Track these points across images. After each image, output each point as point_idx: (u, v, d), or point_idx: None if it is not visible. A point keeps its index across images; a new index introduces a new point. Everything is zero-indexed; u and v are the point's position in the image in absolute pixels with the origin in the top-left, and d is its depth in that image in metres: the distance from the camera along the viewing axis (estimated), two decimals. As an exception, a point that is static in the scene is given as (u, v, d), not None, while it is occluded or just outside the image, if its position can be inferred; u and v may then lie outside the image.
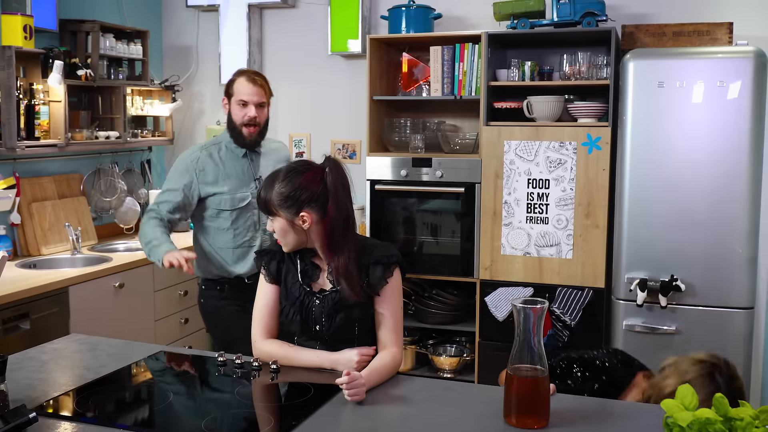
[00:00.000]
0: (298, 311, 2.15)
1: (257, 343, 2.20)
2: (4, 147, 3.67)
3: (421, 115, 4.39)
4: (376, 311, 2.14)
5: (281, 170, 2.15)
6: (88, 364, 2.19)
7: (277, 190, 2.10)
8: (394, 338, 2.13)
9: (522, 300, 1.73)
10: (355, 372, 1.89)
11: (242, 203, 3.05)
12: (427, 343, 4.18)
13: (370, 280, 2.13)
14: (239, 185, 3.06)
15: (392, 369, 2.08)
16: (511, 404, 1.75)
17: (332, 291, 2.15)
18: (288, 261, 2.21)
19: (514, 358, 1.73)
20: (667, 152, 3.43)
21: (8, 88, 3.63)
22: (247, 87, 3.03)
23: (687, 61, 3.40)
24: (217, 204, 3.04)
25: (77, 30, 4.17)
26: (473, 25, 4.31)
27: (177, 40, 5.04)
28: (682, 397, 1.25)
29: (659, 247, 3.47)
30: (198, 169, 3.03)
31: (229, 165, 3.07)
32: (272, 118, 4.91)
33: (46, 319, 3.39)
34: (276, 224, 2.13)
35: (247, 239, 3.07)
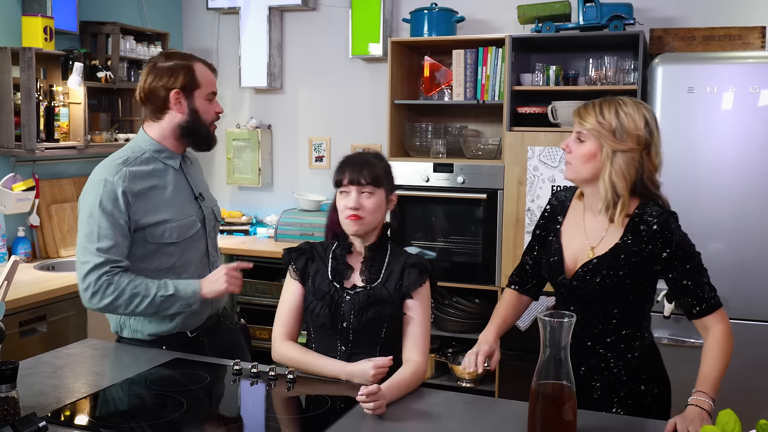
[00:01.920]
0: (327, 305, 2.10)
1: (276, 344, 2.16)
2: (23, 149, 3.66)
3: (442, 120, 4.33)
4: (405, 316, 2.11)
5: (367, 154, 2.18)
6: (101, 371, 2.15)
7: (380, 166, 2.13)
8: (419, 348, 2.08)
9: (547, 312, 1.66)
10: (375, 385, 1.83)
11: (191, 231, 2.33)
12: (447, 352, 4.11)
13: (404, 282, 2.11)
14: (184, 207, 2.33)
15: (414, 383, 2.01)
16: (536, 422, 1.68)
17: (364, 288, 2.12)
18: (318, 260, 2.18)
19: (539, 373, 1.66)
20: (695, 160, 3.33)
21: (28, 89, 3.62)
22: (211, 76, 2.38)
23: (718, 66, 3.31)
24: (158, 237, 2.25)
25: (98, 32, 4.16)
26: (497, 28, 4.25)
27: (197, 42, 5.01)
28: (724, 424, 1.18)
29: (687, 256, 3.38)
30: (125, 196, 2.19)
31: (167, 182, 2.31)
32: (292, 120, 4.94)
33: (63, 322, 3.37)
34: (375, 198, 2.10)
35: (194, 278, 2.31)
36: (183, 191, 2.36)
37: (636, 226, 1.96)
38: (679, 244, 1.94)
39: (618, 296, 1.98)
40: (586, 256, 2.01)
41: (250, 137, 4.80)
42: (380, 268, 2.14)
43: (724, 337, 1.92)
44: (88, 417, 1.84)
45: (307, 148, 4.83)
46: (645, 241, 1.94)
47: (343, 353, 2.12)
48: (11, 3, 3.76)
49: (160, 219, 2.26)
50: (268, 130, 4.89)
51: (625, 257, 1.95)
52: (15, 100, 3.66)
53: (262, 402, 1.95)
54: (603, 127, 1.96)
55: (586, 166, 2.00)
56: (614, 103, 2.00)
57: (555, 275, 2.08)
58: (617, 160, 1.95)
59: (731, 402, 3.25)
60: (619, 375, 2.01)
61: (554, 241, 2.11)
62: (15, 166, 3.80)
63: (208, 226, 2.42)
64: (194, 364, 2.22)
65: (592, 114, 2.00)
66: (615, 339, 2.01)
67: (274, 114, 4.89)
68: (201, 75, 2.33)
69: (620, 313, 2.00)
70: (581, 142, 2.01)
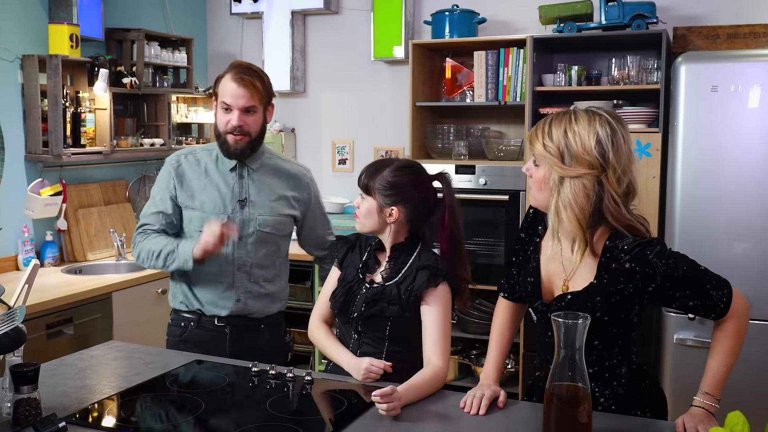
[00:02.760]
0: (344, 294, 2.19)
1: (311, 325, 2.29)
2: (50, 154, 3.73)
3: (464, 122, 4.32)
4: (422, 319, 2.12)
5: (395, 160, 2.20)
6: (123, 372, 2.18)
7: (385, 175, 2.15)
8: (437, 350, 2.07)
9: (563, 313, 1.65)
10: (390, 386, 1.84)
11: None
12: (470, 354, 4.10)
13: (415, 284, 2.12)
14: (216, 204, 2.48)
15: (433, 385, 2.01)
16: (551, 424, 1.66)
17: (379, 285, 2.17)
18: (357, 251, 2.26)
19: (554, 375, 1.64)
20: (721, 159, 3.29)
21: (55, 96, 3.69)
22: (231, 87, 2.39)
23: (742, 64, 3.26)
24: (188, 221, 2.51)
25: (123, 38, 4.22)
26: (518, 29, 4.23)
27: (221, 47, 5.06)
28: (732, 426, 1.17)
29: (712, 257, 3.31)
30: (177, 174, 2.51)
31: (214, 177, 2.51)
32: (316, 124, 4.96)
33: (89, 325, 3.42)
34: (365, 204, 2.16)
35: (216, 272, 2.48)
36: (225, 190, 2.50)
37: (608, 263, 1.74)
38: (664, 276, 1.71)
39: (597, 332, 1.78)
40: (561, 288, 1.84)
41: (274, 141, 4.82)
42: (401, 268, 2.17)
43: (734, 332, 1.77)
44: (108, 418, 1.87)
45: (330, 151, 4.85)
46: (622, 281, 1.74)
47: (355, 342, 2.20)
48: (38, 11, 3.83)
49: (190, 205, 2.49)
50: (292, 134, 4.92)
51: (602, 298, 1.76)
52: (42, 106, 3.73)
53: (279, 403, 1.96)
54: (549, 151, 1.74)
55: (542, 193, 1.81)
56: (564, 120, 1.76)
57: (532, 297, 1.91)
58: (564, 189, 1.73)
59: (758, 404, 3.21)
60: (608, 405, 1.85)
61: (532, 257, 1.93)
62: (43, 171, 3.87)
63: (242, 232, 2.48)
64: (214, 365, 2.24)
65: (539, 136, 1.78)
66: (598, 369, 1.84)
67: (298, 117, 4.92)
68: (222, 85, 2.44)
69: (602, 345, 1.83)
70: (537, 166, 1.81)
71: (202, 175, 2.51)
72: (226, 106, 2.41)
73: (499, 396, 1.92)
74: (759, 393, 3.24)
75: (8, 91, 3.69)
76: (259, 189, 2.53)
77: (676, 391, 3.41)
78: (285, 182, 2.58)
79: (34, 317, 3.11)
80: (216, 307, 2.51)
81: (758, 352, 3.24)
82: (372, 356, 2.11)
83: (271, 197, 2.54)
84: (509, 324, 2.12)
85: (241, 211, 2.49)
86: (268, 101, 2.49)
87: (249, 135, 2.44)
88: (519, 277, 2.01)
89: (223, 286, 2.50)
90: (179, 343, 2.53)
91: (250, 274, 2.51)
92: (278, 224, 2.54)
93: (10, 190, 3.72)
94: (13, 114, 3.72)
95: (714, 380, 1.76)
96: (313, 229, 2.70)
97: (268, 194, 2.54)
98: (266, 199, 2.53)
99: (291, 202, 2.58)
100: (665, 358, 3.44)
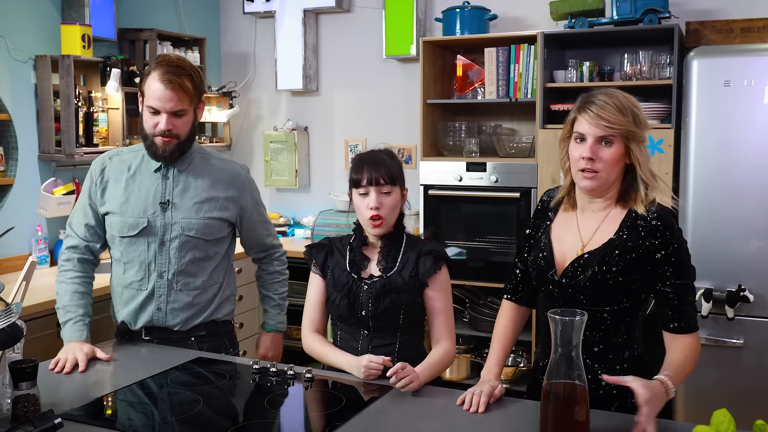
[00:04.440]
0: (345, 296, 2.18)
1: (304, 335, 2.28)
2: (63, 153, 3.76)
3: (476, 119, 4.30)
4: (427, 304, 2.20)
5: (382, 150, 2.22)
6: (123, 369, 2.19)
7: (393, 164, 2.17)
8: (446, 331, 2.18)
9: (560, 310, 1.62)
10: (399, 363, 1.93)
11: (133, 231, 2.34)
12: (483, 352, 4.07)
13: (420, 270, 2.17)
14: (136, 207, 2.35)
15: (446, 363, 2.15)
16: (548, 422, 1.65)
17: (381, 277, 2.18)
18: (337, 253, 2.26)
19: (550, 372, 1.63)
20: (734, 155, 3.24)
21: (67, 96, 3.72)
22: (158, 90, 2.22)
23: (756, 59, 3.20)
24: (109, 226, 2.39)
25: (135, 38, 4.24)
26: (530, 25, 4.19)
27: (234, 46, 5.08)
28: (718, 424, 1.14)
29: (725, 255, 3.28)
30: (100, 179, 2.40)
31: (138, 179, 2.38)
32: (328, 122, 4.96)
33: (100, 322, 3.42)
34: (393, 197, 2.17)
35: (136, 279, 2.37)
36: (147, 191, 2.37)
37: (633, 220, 1.85)
38: (676, 250, 1.82)
39: (609, 296, 1.85)
40: (576, 253, 1.90)
41: (287, 139, 4.84)
42: (396, 257, 2.21)
43: (694, 351, 1.82)
44: (105, 415, 1.87)
45: (343, 149, 4.85)
46: (642, 236, 1.83)
47: (365, 340, 2.18)
48: (50, 12, 3.87)
49: (109, 210, 2.38)
50: (305, 132, 4.93)
51: (620, 253, 1.83)
52: (55, 106, 3.76)
53: (279, 400, 1.96)
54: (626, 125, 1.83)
55: (615, 169, 1.86)
56: (614, 97, 1.86)
57: (544, 273, 1.95)
58: (644, 153, 1.86)
59: None
60: (609, 388, 1.87)
61: (543, 237, 1.99)
62: (56, 170, 3.91)
63: (163, 236, 2.35)
64: (214, 362, 2.25)
65: (615, 113, 1.83)
66: (603, 348, 1.89)
67: (311, 116, 4.93)
68: (148, 85, 2.27)
69: (611, 318, 1.87)
70: (608, 145, 1.84)
71: (127, 177, 2.38)
72: (153, 110, 2.26)
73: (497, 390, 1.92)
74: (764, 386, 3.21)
75: (22, 91, 3.73)
76: (184, 190, 2.38)
77: (689, 389, 3.37)
78: (216, 182, 2.42)
79: (45, 315, 3.13)
80: (135, 316, 2.40)
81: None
82: (386, 349, 2.15)
83: (197, 199, 2.38)
84: (512, 325, 2.12)
85: (162, 214, 2.36)
86: (198, 100, 2.34)
87: (178, 137, 2.30)
88: (530, 256, 2.03)
89: (142, 295, 2.38)
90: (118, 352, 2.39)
91: (173, 281, 2.36)
92: (205, 228, 2.38)
93: (23, 189, 3.75)
94: (26, 114, 3.75)
95: (676, 372, 1.75)
96: (251, 231, 2.55)
97: (193, 196, 2.38)
98: (191, 201, 2.38)
99: (222, 203, 2.41)
100: (678, 357, 3.39)
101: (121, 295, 2.42)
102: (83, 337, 2.31)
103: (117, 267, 2.43)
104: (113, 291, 2.47)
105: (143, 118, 2.31)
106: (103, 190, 2.40)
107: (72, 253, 2.42)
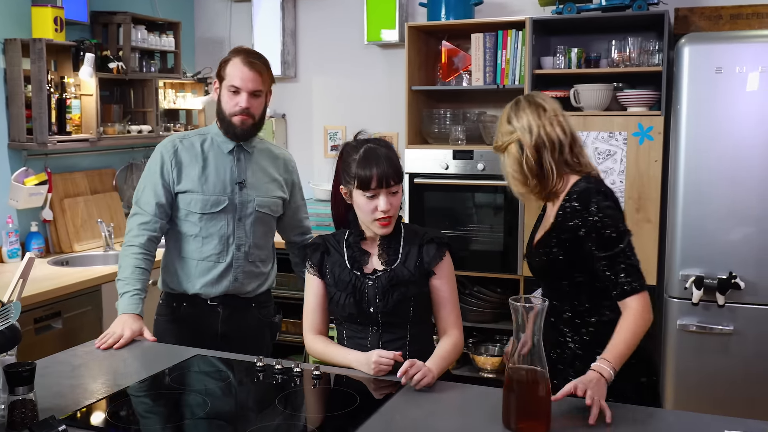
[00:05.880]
0: (350, 294, 2.09)
1: (306, 339, 2.21)
2: (35, 142, 3.60)
3: (460, 106, 4.24)
4: (434, 292, 2.13)
5: (381, 146, 2.10)
6: (121, 369, 2.09)
7: (396, 156, 2.10)
8: (454, 320, 2.13)
9: (520, 297, 1.65)
10: (408, 360, 1.88)
11: (215, 208, 2.52)
12: (468, 342, 4.03)
13: (424, 258, 2.10)
14: (216, 186, 2.52)
15: (456, 354, 2.09)
16: (510, 408, 1.65)
17: (385, 271, 2.10)
18: (334, 252, 2.17)
19: (511, 358, 1.66)
20: (725, 142, 3.23)
21: (39, 81, 3.55)
22: (242, 71, 2.45)
23: (747, 45, 3.19)
24: (186, 204, 2.53)
25: (109, 22, 4.08)
26: (515, 11, 4.14)
27: (209, 31, 4.93)
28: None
29: (716, 243, 3.28)
30: (174, 160, 2.53)
31: (211, 160, 2.55)
32: (307, 109, 4.84)
33: (78, 318, 3.32)
34: (399, 194, 2.10)
35: (215, 252, 2.53)
36: (224, 172, 2.54)
37: (564, 203, 2.02)
38: (594, 224, 1.94)
39: (561, 272, 2.04)
40: (535, 240, 2.15)
41: (265, 126, 4.70)
42: (397, 248, 2.14)
43: (636, 316, 1.89)
44: (107, 419, 1.76)
45: (322, 137, 4.75)
46: (568, 218, 2.00)
47: (374, 337, 2.10)
48: (20, -7, 3.69)
49: (189, 188, 2.52)
50: (282, 119, 4.81)
51: (556, 235, 2.02)
52: (26, 92, 3.60)
53: (290, 400, 1.88)
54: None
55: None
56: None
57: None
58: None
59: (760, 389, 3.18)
60: (575, 349, 2.04)
61: (534, 228, 2.23)
62: (27, 160, 3.74)
63: (240, 213, 2.54)
64: (215, 360, 2.16)
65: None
66: (571, 315, 2.05)
67: (288, 103, 4.81)
68: (230, 68, 2.47)
69: (570, 289, 2.04)
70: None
71: (200, 158, 2.54)
72: (235, 89, 2.46)
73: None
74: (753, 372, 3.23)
75: (-10, 76, 3.56)
76: (254, 171, 2.59)
77: (678, 377, 3.38)
78: (276, 166, 2.66)
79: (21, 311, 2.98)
80: (212, 287, 2.54)
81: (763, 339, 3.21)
82: (397, 343, 2.08)
83: (265, 179, 2.60)
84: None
85: (240, 192, 2.55)
86: (269, 87, 2.57)
87: (254, 117, 2.51)
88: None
89: (220, 267, 2.53)
90: (169, 323, 2.58)
91: (248, 254, 2.56)
92: (273, 205, 2.61)
93: (-7, 179, 3.59)
94: (-5, 100, 3.58)
95: (614, 351, 1.84)
96: (296, 212, 2.76)
97: (262, 176, 2.60)
98: (262, 181, 2.59)
99: (282, 184, 2.65)
100: (668, 344, 3.40)
101: (195, 267, 2.54)
102: (137, 310, 2.38)
103: (192, 241, 2.54)
104: (183, 264, 2.56)
105: (221, 101, 2.50)
106: (179, 170, 2.53)
107: (142, 229, 2.51)
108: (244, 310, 2.59)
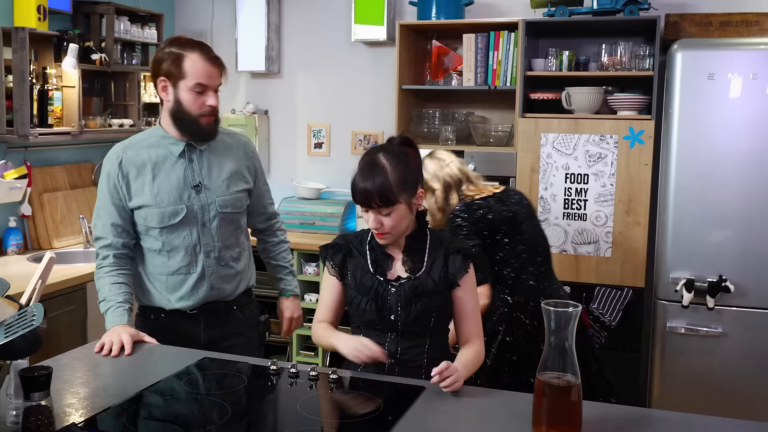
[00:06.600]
0: (372, 300, 2.03)
1: (313, 328, 2.16)
2: (16, 134, 3.48)
3: (448, 106, 4.22)
4: (457, 303, 2.07)
5: (380, 158, 1.96)
6: (131, 373, 2.01)
7: (394, 177, 1.94)
8: (476, 331, 2.08)
9: (554, 302, 1.61)
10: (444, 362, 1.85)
11: (174, 219, 2.33)
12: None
13: (450, 269, 2.04)
14: (171, 195, 2.33)
15: (478, 363, 2.05)
16: (541, 414, 1.63)
17: (409, 279, 2.04)
18: (357, 254, 2.10)
19: (544, 364, 1.63)
20: (716, 147, 3.27)
21: (21, 72, 3.44)
22: (205, 68, 2.28)
23: (739, 53, 3.24)
24: (143, 219, 2.35)
25: (91, 12, 3.97)
26: (505, 12, 4.14)
27: (191, 24, 4.83)
28: None
29: (706, 246, 3.33)
30: (120, 175, 2.33)
31: (160, 168, 2.35)
32: (291, 106, 4.78)
33: (62, 318, 3.21)
34: (395, 214, 1.96)
35: (183, 265, 2.36)
36: (176, 179, 2.35)
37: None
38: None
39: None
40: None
41: (247, 123, 4.64)
42: (422, 256, 2.07)
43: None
44: (126, 425, 1.69)
45: (305, 135, 4.70)
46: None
47: (393, 343, 2.05)
48: (1, -20, 3.56)
49: (142, 203, 2.33)
50: (265, 116, 4.74)
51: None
52: (6, 83, 3.47)
53: (311, 405, 1.83)
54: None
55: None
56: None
57: None
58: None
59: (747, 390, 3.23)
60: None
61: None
62: (6, 152, 3.62)
63: (203, 218, 2.37)
64: (225, 363, 2.10)
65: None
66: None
67: (272, 99, 4.74)
68: (189, 65, 2.28)
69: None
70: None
71: (147, 168, 2.34)
72: (202, 88, 2.28)
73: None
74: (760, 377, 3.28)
75: (-32, 66, 3.42)
76: (210, 170, 2.40)
77: (667, 378, 3.42)
78: (234, 155, 2.47)
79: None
80: (188, 299, 2.39)
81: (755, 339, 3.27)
82: (415, 350, 2.04)
83: (223, 176, 2.43)
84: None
85: (197, 196, 2.37)
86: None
87: (217, 113, 2.36)
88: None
89: (192, 278, 2.38)
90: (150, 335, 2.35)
91: (220, 258, 2.42)
92: (237, 201, 2.45)
93: (-30, 172, 3.45)
94: (-27, 91, 3.44)
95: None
96: (260, 198, 2.60)
97: (219, 173, 2.42)
98: (220, 178, 2.42)
99: (244, 174, 2.49)
100: (657, 345, 3.43)
101: (166, 283, 2.39)
102: (125, 320, 2.25)
103: (157, 257, 2.38)
104: (153, 280, 2.41)
105: (182, 101, 2.29)
106: (128, 185, 2.34)
107: (106, 251, 2.37)
108: (225, 314, 2.47)
